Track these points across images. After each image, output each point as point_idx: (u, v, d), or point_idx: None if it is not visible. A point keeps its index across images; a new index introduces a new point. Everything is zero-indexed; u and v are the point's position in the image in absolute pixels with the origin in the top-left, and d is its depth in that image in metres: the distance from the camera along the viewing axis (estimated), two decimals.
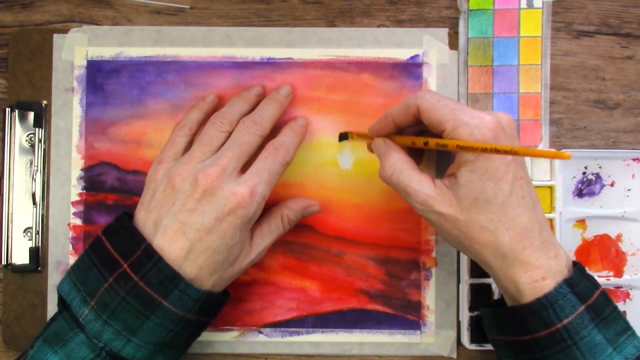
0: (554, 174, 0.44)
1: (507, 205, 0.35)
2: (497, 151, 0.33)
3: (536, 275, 0.35)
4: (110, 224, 0.38)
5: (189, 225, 0.36)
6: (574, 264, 0.37)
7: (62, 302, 0.38)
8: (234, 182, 0.37)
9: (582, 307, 0.34)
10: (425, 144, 0.37)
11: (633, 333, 0.35)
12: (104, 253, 0.37)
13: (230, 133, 0.40)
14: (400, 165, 0.37)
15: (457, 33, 0.46)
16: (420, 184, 0.36)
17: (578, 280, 0.35)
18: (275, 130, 0.42)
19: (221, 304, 0.40)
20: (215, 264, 0.37)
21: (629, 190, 0.46)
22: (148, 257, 0.36)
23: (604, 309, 0.35)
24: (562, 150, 0.45)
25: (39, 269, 0.45)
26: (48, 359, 0.36)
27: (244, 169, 0.38)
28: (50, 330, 0.37)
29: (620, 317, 0.36)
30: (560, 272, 0.35)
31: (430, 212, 0.36)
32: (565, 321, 0.34)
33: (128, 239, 0.37)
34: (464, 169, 0.35)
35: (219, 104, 0.44)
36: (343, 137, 0.45)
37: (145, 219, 0.38)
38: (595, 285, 0.36)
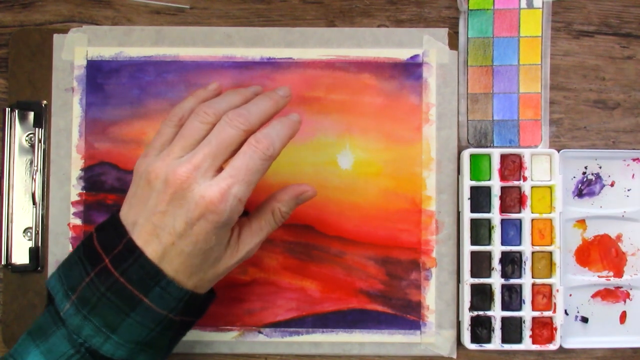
0: (554, 174, 0.44)
1: None
2: None
3: None
4: (103, 220, 0.38)
5: (161, 228, 0.34)
6: None
7: (49, 296, 0.38)
8: (206, 183, 0.34)
9: None
10: None
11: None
12: (90, 248, 0.36)
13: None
14: None
15: (457, 33, 0.46)
16: None
17: None
18: None
19: (207, 304, 0.39)
20: (191, 267, 0.35)
21: (629, 190, 0.46)
22: (129, 252, 0.35)
23: None
24: (562, 151, 0.45)
25: (39, 268, 0.45)
26: (30, 351, 0.35)
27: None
28: (35, 324, 0.36)
29: None
30: None
31: None
32: None
33: (112, 233, 0.36)
34: None
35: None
36: None
37: (127, 214, 0.36)
38: None
